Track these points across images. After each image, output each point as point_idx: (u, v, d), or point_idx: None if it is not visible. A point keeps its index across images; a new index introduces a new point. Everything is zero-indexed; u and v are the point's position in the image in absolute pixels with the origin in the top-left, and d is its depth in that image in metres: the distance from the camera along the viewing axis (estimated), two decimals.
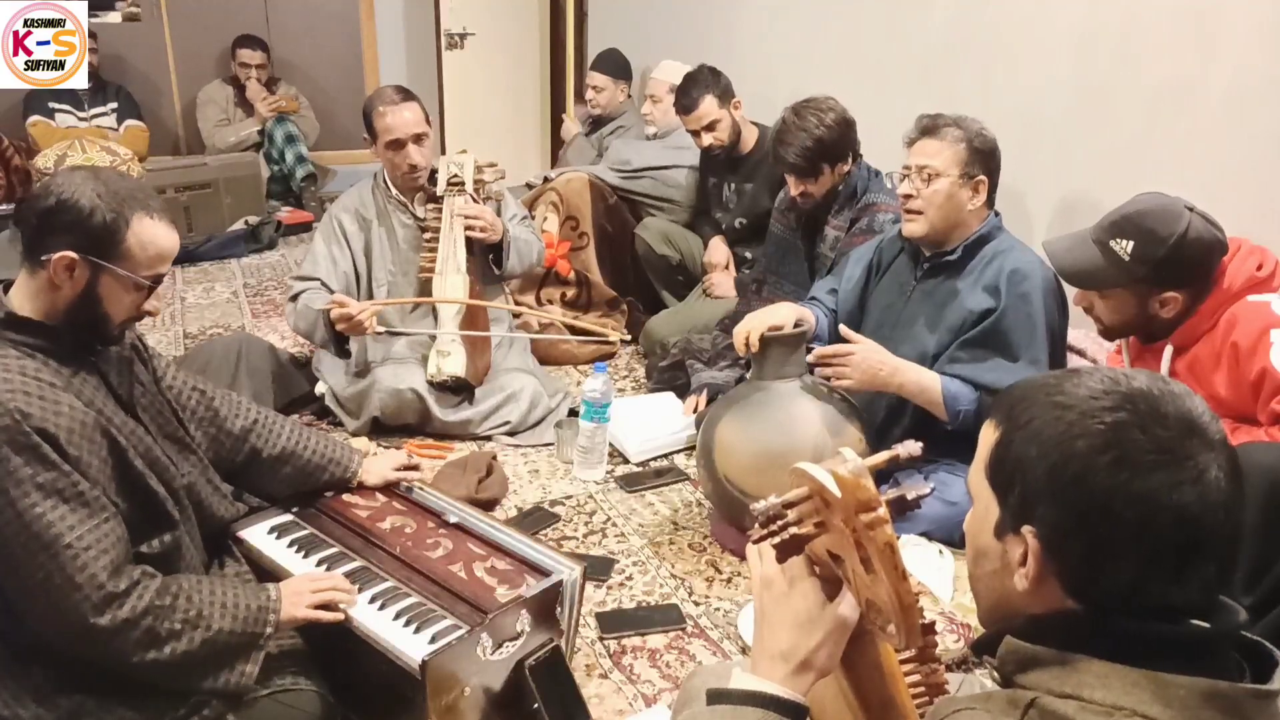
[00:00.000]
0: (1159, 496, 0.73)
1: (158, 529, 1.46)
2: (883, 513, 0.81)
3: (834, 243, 2.71)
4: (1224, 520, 0.75)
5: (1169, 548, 0.74)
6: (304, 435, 1.80)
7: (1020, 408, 0.82)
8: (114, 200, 1.35)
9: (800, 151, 2.59)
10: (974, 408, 2.09)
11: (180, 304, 3.88)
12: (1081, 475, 0.75)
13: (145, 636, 1.32)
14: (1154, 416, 0.76)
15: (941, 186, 2.12)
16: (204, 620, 1.37)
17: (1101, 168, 2.52)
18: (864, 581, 0.85)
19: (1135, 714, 0.72)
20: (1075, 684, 0.75)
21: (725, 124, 3.22)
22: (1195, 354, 1.84)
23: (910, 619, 0.83)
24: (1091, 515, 0.75)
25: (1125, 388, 0.78)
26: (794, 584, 0.90)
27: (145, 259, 1.39)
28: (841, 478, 0.81)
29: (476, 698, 1.49)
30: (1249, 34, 2.15)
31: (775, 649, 0.89)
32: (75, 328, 1.39)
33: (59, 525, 1.27)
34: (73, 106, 4.67)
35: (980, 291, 2.14)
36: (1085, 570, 0.77)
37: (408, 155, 2.71)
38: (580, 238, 3.55)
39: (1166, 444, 0.74)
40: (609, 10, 4.94)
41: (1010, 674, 0.80)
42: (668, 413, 2.81)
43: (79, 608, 1.28)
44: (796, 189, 2.69)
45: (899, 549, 0.82)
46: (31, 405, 1.28)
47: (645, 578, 2.14)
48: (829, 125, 2.60)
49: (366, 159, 4.91)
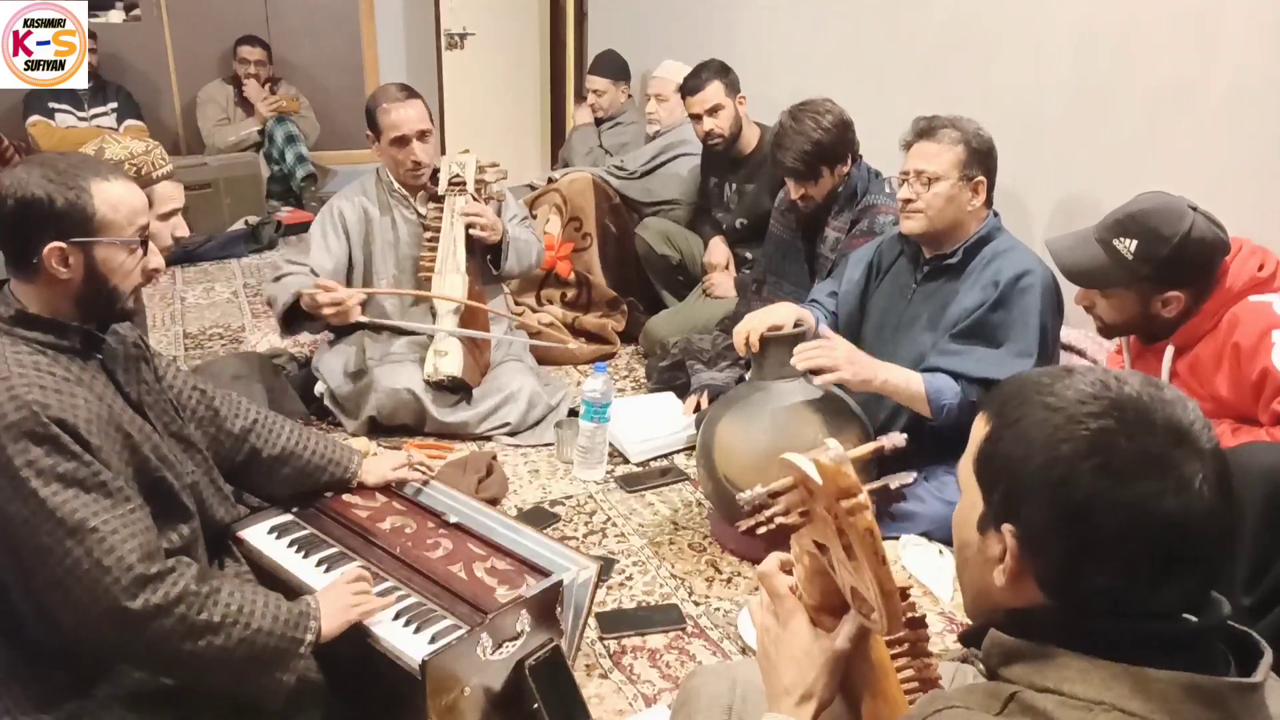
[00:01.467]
0: (1141, 505, 0.73)
1: (175, 521, 1.46)
2: (863, 499, 0.84)
3: (834, 244, 2.71)
4: (1208, 530, 0.74)
5: (1149, 556, 0.74)
6: (304, 435, 1.80)
7: (1011, 405, 0.81)
8: (65, 178, 1.34)
9: (799, 155, 2.59)
10: (957, 401, 2.08)
11: (180, 304, 3.89)
12: (1064, 479, 0.75)
13: (179, 625, 1.30)
14: (1142, 424, 0.75)
15: (941, 190, 2.12)
16: (244, 617, 1.35)
17: (1101, 168, 2.52)
18: (847, 569, 0.88)
19: (1115, 709, 0.72)
20: (1055, 678, 0.75)
21: (728, 113, 3.22)
22: (1196, 354, 1.83)
23: (891, 604, 0.85)
24: (1072, 520, 0.75)
25: (1115, 393, 0.77)
26: (787, 624, 0.98)
27: (122, 219, 1.38)
28: (823, 465, 0.84)
29: (476, 698, 1.49)
30: (1249, 34, 2.15)
31: (779, 686, 0.96)
32: (92, 314, 1.39)
33: (84, 511, 1.27)
34: (73, 106, 4.68)
35: (978, 291, 2.14)
36: (1063, 573, 0.77)
37: (412, 152, 2.71)
38: (584, 238, 3.55)
39: (1152, 453, 0.74)
40: (609, 10, 4.94)
41: (994, 667, 0.81)
42: (668, 413, 2.81)
43: (109, 591, 1.27)
44: (796, 192, 2.69)
45: (879, 534, 0.84)
46: (49, 397, 1.28)
47: (645, 578, 2.14)
48: (826, 128, 2.59)
49: (366, 159, 4.92)
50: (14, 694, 1.35)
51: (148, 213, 1.44)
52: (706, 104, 3.21)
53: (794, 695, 0.95)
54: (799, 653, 0.95)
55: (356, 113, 3.28)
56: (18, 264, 1.36)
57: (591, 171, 3.69)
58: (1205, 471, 0.74)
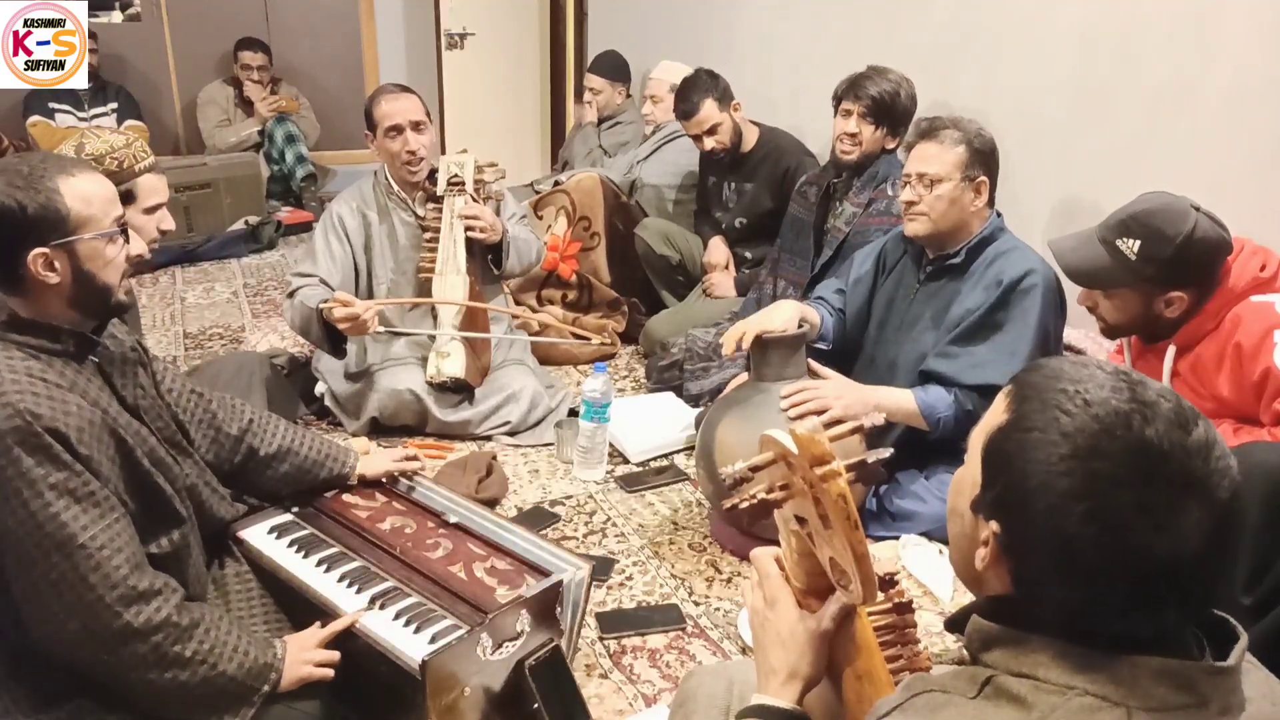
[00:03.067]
0: (1126, 551, 0.72)
1: (166, 527, 1.46)
2: (836, 466, 0.86)
3: (850, 218, 2.74)
4: (1194, 573, 0.72)
5: (1124, 593, 0.73)
6: (300, 433, 1.81)
7: (1031, 406, 0.78)
8: (30, 182, 1.30)
9: (880, 92, 2.66)
10: (952, 414, 2.09)
11: (180, 304, 3.88)
12: (1053, 510, 0.73)
13: (152, 654, 1.31)
14: (1155, 475, 0.72)
15: (944, 191, 2.12)
16: (213, 657, 1.36)
17: (1101, 168, 2.52)
18: (824, 538, 0.91)
19: (1087, 693, 0.73)
20: (1030, 663, 0.76)
21: (726, 127, 3.22)
22: (1198, 354, 1.83)
23: (864, 567, 0.88)
24: (1051, 547, 0.74)
25: (1136, 433, 0.73)
26: (774, 606, 1.01)
27: (97, 212, 1.35)
28: (799, 435, 0.88)
29: (476, 698, 1.49)
30: (1249, 34, 2.15)
31: (766, 666, 1.00)
32: (88, 313, 1.38)
33: (72, 525, 1.27)
34: (73, 106, 4.68)
35: (981, 292, 2.14)
36: (1034, 586, 0.77)
37: (406, 141, 2.70)
38: (592, 238, 3.56)
39: (1153, 504, 0.71)
40: (609, 10, 4.94)
41: (974, 651, 0.82)
42: (668, 413, 2.81)
43: (92, 608, 1.27)
44: (852, 127, 2.70)
45: (852, 500, 0.86)
46: (41, 405, 1.27)
47: (645, 578, 2.14)
48: (907, 94, 2.70)
49: (366, 159, 4.92)
50: (13, 694, 1.35)
51: (118, 200, 1.40)
52: (703, 126, 3.20)
53: (780, 675, 0.97)
54: (785, 633, 0.98)
55: (356, 113, 3.28)
56: (3, 278, 1.33)
57: (597, 172, 3.70)
58: (1207, 519, 0.71)
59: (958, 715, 0.76)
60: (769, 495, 0.96)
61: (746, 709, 0.97)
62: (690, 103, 3.18)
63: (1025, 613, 0.78)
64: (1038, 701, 0.73)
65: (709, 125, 3.20)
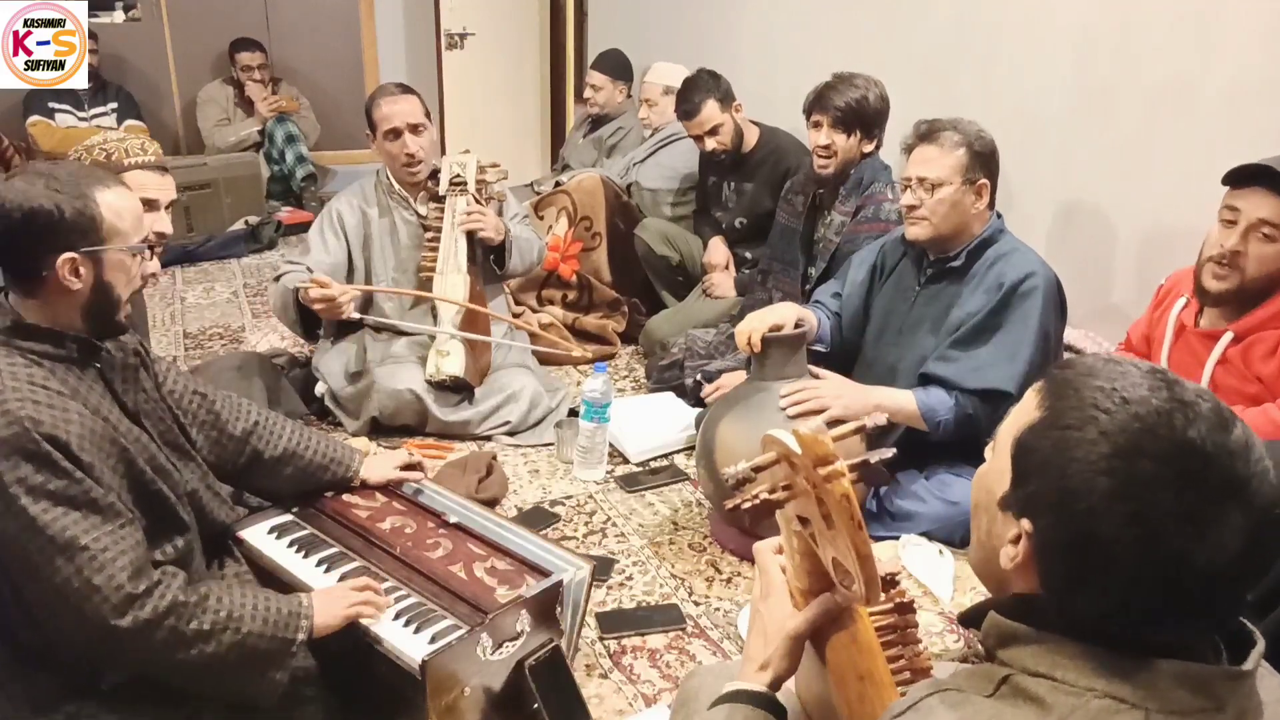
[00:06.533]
0: (1165, 556, 0.70)
1: (169, 534, 1.46)
2: (839, 466, 0.87)
3: (839, 228, 2.72)
4: (1229, 582, 0.72)
5: (1156, 599, 0.72)
6: (305, 436, 1.80)
7: (1067, 404, 0.76)
8: (70, 188, 1.32)
9: (846, 102, 2.63)
10: (952, 416, 2.09)
11: (180, 304, 3.89)
12: (1092, 512, 0.72)
13: (170, 637, 1.31)
14: (1198, 477, 0.70)
15: (945, 195, 2.11)
16: (234, 622, 1.35)
17: (1101, 168, 2.52)
18: (827, 539, 0.91)
19: (1106, 695, 0.73)
20: (1049, 664, 0.75)
21: (728, 128, 3.21)
22: (1258, 338, 1.81)
23: (868, 568, 0.87)
24: (1087, 548, 0.73)
25: (1180, 435, 0.71)
26: (766, 599, 1.04)
27: (128, 226, 1.38)
28: (801, 435, 0.88)
29: (476, 698, 1.49)
30: (1249, 34, 2.15)
31: (747, 654, 1.04)
32: (96, 323, 1.39)
33: (74, 530, 1.27)
34: (73, 106, 4.68)
35: (982, 295, 2.14)
36: (1065, 587, 0.76)
37: (404, 144, 2.72)
38: (594, 238, 3.56)
39: (1195, 509, 0.70)
40: (609, 10, 4.94)
41: (991, 648, 0.81)
42: (668, 413, 2.81)
43: (98, 610, 1.27)
44: (823, 139, 2.68)
45: (855, 500, 0.86)
46: (41, 413, 1.27)
47: (645, 578, 2.14)
48: (876, 95, 2.67)
49: (366, 159, 4.92)
50: (13, 695, 1.35)
51: (144, 220, 1.43)
52: (705, 126, 3.20)
53: (755, 663, 1.01)
54: (770, 627, 1.02)
55: (356, 113, 3.28)
56: (22, 278, 1.34)
57: (599, 172, 3.70)
58: (1248, 525, 0.70)
59: (974, 714, 0.76)
60: (771, 495, 0.96)
61: (722, 695, 1.00)
62: (692, 103, 3.18)
63: (1048, 613, 0.77)
64: (1056, 702, 0.73)
65: (711, 126, 3.20)
